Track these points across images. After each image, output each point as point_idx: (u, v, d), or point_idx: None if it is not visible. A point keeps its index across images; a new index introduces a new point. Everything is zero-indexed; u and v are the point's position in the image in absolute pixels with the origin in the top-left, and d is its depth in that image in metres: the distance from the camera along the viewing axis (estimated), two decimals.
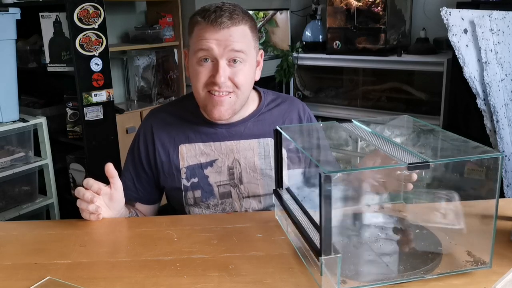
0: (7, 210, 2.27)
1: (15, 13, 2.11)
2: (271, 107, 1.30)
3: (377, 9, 3.00)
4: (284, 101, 1.32)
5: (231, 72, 1.13)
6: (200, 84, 1.15)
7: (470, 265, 0.85)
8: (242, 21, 1.13)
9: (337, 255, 0.74)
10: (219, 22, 1.10)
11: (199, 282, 0.83)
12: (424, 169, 0.77)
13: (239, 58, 1.13)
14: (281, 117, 1.29)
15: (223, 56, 1.11)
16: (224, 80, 1.12)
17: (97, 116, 2.41)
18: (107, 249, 0.97)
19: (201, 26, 1.12)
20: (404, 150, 0.83)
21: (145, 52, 2.99)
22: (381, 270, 0.84)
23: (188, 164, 1.23)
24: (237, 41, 1.11)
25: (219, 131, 1.24)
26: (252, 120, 1.26)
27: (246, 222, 1.06)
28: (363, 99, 3.29)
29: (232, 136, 1.24)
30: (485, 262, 0.84)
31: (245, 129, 1.24)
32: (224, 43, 1.10)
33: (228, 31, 1.10)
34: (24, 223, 1.37)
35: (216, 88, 1.13)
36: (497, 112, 2.17)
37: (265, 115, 1.27)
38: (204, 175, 1.23)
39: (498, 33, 2.22)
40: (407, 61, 2.94)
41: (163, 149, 1.25)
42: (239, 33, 1.12)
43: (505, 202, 1.27)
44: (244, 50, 1.13)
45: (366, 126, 0.99)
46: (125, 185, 1.26)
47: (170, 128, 1.26)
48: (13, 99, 2.21)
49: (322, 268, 0.75)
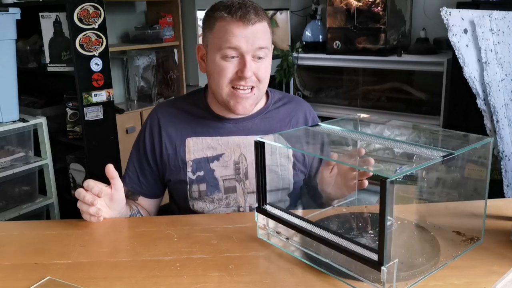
0: (7, 210, 2.27)
1: (15, 13, 2.11)
2: (278, 106, 1.31)
3: (377, 9, 3.00)
4: (290, 101, 1.34)
5: (255, 67, 1.16)
6: (225, 80, 1.16)
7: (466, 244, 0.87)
8: (264, 17, 1.17)
9: (394, 261, 0.73)
10: (247, 18, 1.12)
11: (199, 282, 0.83)
12: (451, 160, 0.79)
13: (262, 54, 1.16)
14: (287, 116, 1.30)
15: (249, 52, 1.14)
16: (250, 75, 1.15)
17: (97, 116, 2.41)
18: (107, 249, 0.97)
19: (227, 21, 1.13)
20: (419, 147, 0.85)
21: (145, 52, 2.99)
22: (415, 264, 0.84)
23: (194, 157, 1.24)
24: (261, 38, 1.15)
25: (227, 126, 1.25)
26: (260, 117, 1.27)
27: (246, 222, 1.06)
28: (363, 99, 3.29)
29: (239, 131, 1.25)
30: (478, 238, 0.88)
31: (252, 125, 1.26)
32: (252, 40, 1.13)
33: (255, 27, 1.13)
34: (24, 223, 1.37)
35: (242, 83, 1.15)
36: (497, 112, 2.17)
37: (272, 113, 1.29)
38: (210, 169, 1.24)
39: (498, 33, 2.21)
40: (407, 61, 2.94)
41: (169, 142, 1.25)
42: (263, 29, 1.16)
43: (505, 202, 1.27)
44: (267, 46, 1.17)
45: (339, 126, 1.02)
46: (129, 178, 1.28)
47: (177, 122, 1.26)
48: (13, 99, 2.21)
49: (384, 278, 0.73)
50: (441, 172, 0.94)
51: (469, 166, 0.92)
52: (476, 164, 0.90)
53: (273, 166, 1.25)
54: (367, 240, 0.93)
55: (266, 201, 0.95)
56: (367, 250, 0.75)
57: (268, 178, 1.23)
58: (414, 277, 0.80)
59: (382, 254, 0.71)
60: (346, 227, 1.00)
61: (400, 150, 0.88)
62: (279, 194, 1.27)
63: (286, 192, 1.27)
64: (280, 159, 1.26)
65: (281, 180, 1.26)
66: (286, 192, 1.27)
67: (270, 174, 1.24)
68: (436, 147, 0.85)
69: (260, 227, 0.98)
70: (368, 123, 1.15)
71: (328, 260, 0.84)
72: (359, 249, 0.77)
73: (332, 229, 0.85)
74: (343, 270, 0.81)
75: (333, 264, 0.83)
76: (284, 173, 1.26)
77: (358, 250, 0.77)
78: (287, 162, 1.27)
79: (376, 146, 1.02)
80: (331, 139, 1.11)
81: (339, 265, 0.82)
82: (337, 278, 0.81)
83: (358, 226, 1.00)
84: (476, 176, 0.91)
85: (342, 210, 1.11)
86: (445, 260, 0.86)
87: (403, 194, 0.99)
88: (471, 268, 0.85)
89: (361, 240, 0.81)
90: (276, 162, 1.25)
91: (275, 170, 1.25)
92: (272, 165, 1.25)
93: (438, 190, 1.03)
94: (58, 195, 2.46)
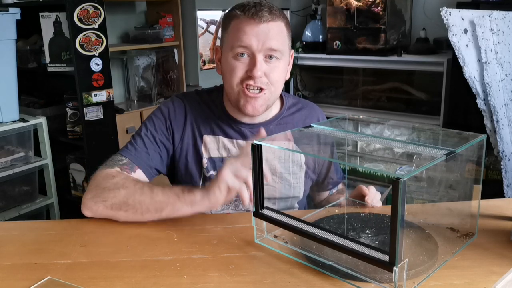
0: (7, 210, 2.28)
1: (15, 13, 2.11)
2: (293, 111, 1.30)
3: (377, 9, 3.00)
4: (305, 107, 1.32)
5: (267, 68, 1.13)
6: (236, 79, 1.14)
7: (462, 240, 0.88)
8: (280, 17, 1.14)
9: (405, 261, 0.73)
10: (259, 16, 1.10)
11: (199, 282, 0.83)
12: (453, 158, 0.80)
13: (275, 55, 1.13)
14: (302, 122, 1.29)
15: (261, 51, 1.12)
16: (260, 75, 1.12)
17: (97, 116, 2.41)
18: (107, 249, 0.97)
19: (240, 19, 1.12)
20: (417, 146, 0.86)
21: (145, 52, 2.99)
22: (417, 263, 0.84)
23: (209, 155, 1.22)
24: (274, 38, 1.12)
25: (242, 130, 1.23)
26: (275, 123, 1.26)
27: (246, 222, 1.06)
28: (363, 99, 3.29)
29: (255, 137, 1.23)
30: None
31: (268, 131, 1.22)
32: (263, 38, 1.11)
33: (267, 25, 1.11)
34: (24, 223, 1.37)
35: (252, 82, 1.12)
36: (497, 112, 2.17)
37: (287, 119, 1.28)
38: None
39: (498, 33, 2.22)
40: (407, 61, 2.94)
41: (191, 130, 1.23)
42: (277, 29, 1.13)
43: (505, 202, 1.27)
44: (280, 47, 1.14)
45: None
46: (135, 149, 1.20)
47: (199, 115, 1.24)
48: (13, 99, 2.21)
49: (395, 278, 0.73)
50: (436, 170, 0.94)
51: (466, 164, 0.93)
52: (471, 161, 0.91)
53: (286, 174, 1.24)
54: (365, 240, 0.93)
55: (263, 205, 0.94)
56: (377, 251, 0.76)
57: (280, 186, 1.24)
58: (418, 276, 0.80)
59: (394, 255, 0.71)
60: (343, 228, 1.00)
61: (399, 150, 0.88)
62: (289, 201, 1.26)
63: (296, 200, 1.27)
64: (292, 167, 1.25)
65: (293, 189, 1.25)
66: (296, 200, 1.27)
67: (282, 182, 1.24)
68: (435, 146, 0.86)
69: (258, 232, 0.97)
70: (360, 122, 1.16)
71: (332, 262, 0.84)
72: (368, 250, 0.77)
73: (329, 230, 0.85)
74: (347, 271, 0.81)
75: (337, 266, 0.83)
76: (296, 181, 1.25)
77: (367, 251, 0.77)
78: (299, 171, 1.26)
79: (376, 146, 1.02)
80: (329, 140, 1.11)
81: (343, 267, 0.82)
82: (341, 279, 0.81)
83: (354, 227, 1.00)
84: (472, 173, 0.92)
85: (335, 211, 1.11)
86: (445, 257, 0.86)
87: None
88: (471, 268, 0.85)
89: (359, 240, 0.81)
90: (288, 170, 1.24)
91: (287, 178, 1.24)
92: (284, 173, 1.24)
93: (433, 189, 1.04)
94: (58, 195, 2.46)
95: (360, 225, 1.00)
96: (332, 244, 0.82)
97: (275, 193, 1.24)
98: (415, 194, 1.07)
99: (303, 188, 1.27)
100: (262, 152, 0.91)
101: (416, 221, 0.98)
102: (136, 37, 2.97)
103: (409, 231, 0.94)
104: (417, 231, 0.95)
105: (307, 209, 1.30)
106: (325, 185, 1.34)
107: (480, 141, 0.89)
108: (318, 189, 1.35)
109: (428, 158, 0.81)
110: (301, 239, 0.90)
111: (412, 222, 0.97)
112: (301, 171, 1.26)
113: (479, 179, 0.91)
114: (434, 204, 1.15)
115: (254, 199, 0.95)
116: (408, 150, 0.90)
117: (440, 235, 0.92)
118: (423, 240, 0.91)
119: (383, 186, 1.23)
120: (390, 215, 0.70)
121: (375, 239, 0.94)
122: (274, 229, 0.95)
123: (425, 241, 0.91)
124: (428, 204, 1.14)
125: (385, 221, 1.01)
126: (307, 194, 1.30)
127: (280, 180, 1.24)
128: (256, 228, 0.96)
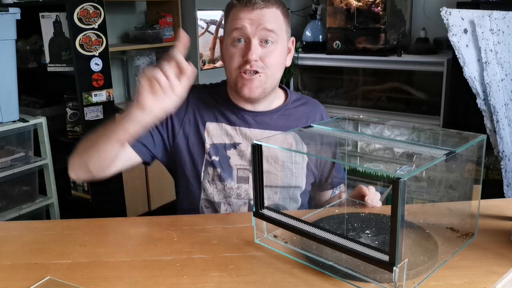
0: (7, 210, 2.27)
1: (15, 13, 2.11)
2: (297, 105, 1.33)
3: (377, 9, 3.00)
4: (308, 102, 1.36)
5: (263, 52, 1.16)
6: (234, 65, 1.17)
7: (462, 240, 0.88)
8: (274, 5, 1.18)
9: (405, 261, 0.73)
10: (252, 3, 1.15)
11: (199, 282, 0.83)
12: (453, 158, 0.80)
13: (270, 38, 1.16)
14: (305, 115, 1.32)
15: (255, 35, 1.15)
16: (255, 58, 1.15)
17: (97, 116, 2.41)
18: (107, 249, 0.97)
19: (236, 8, 1.17)
20: (417, 146, 0.86)
21: (145, 52, 2.99)
22: (417, 263, 0.84)
23: (212, 142, 1.24)
24: (269, 21, 1.15)
25: (246, 118, 1.26)
26: (279, 113, 1.28)
27: (246, 222, 1.06)
28: (363, 99, 3.29)
29: (258, 125, 1.26)
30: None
31: (271, 121, 1.27)
32: (257, 22, 1.15)
33: (261, 11, 1.15)
34: (24, 223, 1.37)
35: (248, 67, 1.15)
36: (497, 112, 2.17)
37: (291, 111, 1.31)
38: (226, 155, 1.24)
39: (498, 33, 2.21)
40: (407, 61, 2.94)
41: (193, 118, 1.25)
42: (271, 14, 1.17)
43: (505, 202, 1.27)
44: (275, 30, 1.17)
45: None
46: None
47: (202, 105, 1.27)
48: (13, 99, 2.21)
49: (395, 278, 0.73)
50: (436, 170, 0.94)
51: (466, 164, 0.93)
52: (471, 161, 0.91)
53: (288, 162, 1.26)
54: (365, 240, 0.93)
55: (263, 205, 0.94)
56: (377, 251, 0.76)
57: (282, 174, 1.25)
58: (418, 275, 0.80)
59: (394, 255, 0.72)
60: (343, 228, 1.01)
61: (399, 150, 0.89)
62: (291, 191, 1.27)
63: (299, 191, 1.28)
64: (295, 156, 1.27)
65: (295, 178, 1.27)
66: (299, 190, 1.28)
67: (284, 170, 1.26)
68: (435, 146, 0.86)
69: (258, 232, 0.97)
70: (362, 122, 1.16)
71: (332, 262, 0.84)
72: (368, 250, 0.77)
73: (329, 230, 0.85)
74: (347, 271, 0.81)
75: (337, 266, 0.83)
76: (298, 170, 1.27)
77: (367, 251, 0.77)
78: (302, 161, 1.28)
79: (376, 146, 1.02)
80: (332, 140, 1.11)
81: (343, 267, 0.82)
82: (341, 279, 0.82)
83: (354, 227, 1.00)
84: (472, 173, 0.92)
85: (335, 211, 1.11)
86: (445, 257, 0.86)
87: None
88: (471, 268, 0.85)
89: (359, 240, 0.82)
90: (291, 159, 1.26)
91: (290, 167, 1.26)
92: (287, 162, 1.26)
93: (433, 189, 1.04)
94: (58, 195, 2.46)
95: (360, 225, 1.00)
96: (332, 244, 0.82)
97: (276, 181, 1.25)
98: (415, 194, 1.08)
99: (305, 179, 1.28)
100: (262, 152, 0.91)
101: (416, 221, 0.98)
102: (136, 37, 2.97)
103: (409, 231, 0.95)
104: (417, 231, 0.95)
105: (308, 209, 1.31)
106: (328, 184, 1.35)
107: (480, 141, 0.89)
108: (320, 188, 1.36)
109: (428, 158, 0.81)
110: (301, 239, 0.90)
111: (412, 222, 0.97)
112: (303, 161, 1.28)
113: (479, 179, 0.91)
114: (434, 204, 1.15)
115: (254, 199, 0.95)
116: (408, 150, 0.91)
117: (440, 235, 0.92)
118: (423, 240, 0.91)
119: (383, 186, 1.24)
120: (390, 215, 0.70)
121: (375, 239, 0.95)
122: (274, 229, 0.95)
123: (425, 241, 0.91)
124: (428, 204, 1.14)
125: (385, 221, 1.01)
126: (310, 189, 1.30)
127: (282, 168, 1.26)
128: (256, 228, 0.96)
